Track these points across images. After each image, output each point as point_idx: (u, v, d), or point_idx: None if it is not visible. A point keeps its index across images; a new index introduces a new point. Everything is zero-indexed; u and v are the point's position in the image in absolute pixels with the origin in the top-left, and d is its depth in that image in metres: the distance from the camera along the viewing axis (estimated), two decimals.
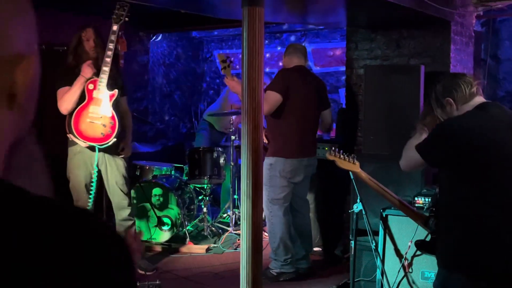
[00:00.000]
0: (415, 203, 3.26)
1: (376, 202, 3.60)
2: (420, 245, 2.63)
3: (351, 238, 3.68)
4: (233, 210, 5.44)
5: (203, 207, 5.37)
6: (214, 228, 5.39)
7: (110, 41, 3.83)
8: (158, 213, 5.06)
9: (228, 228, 5.38)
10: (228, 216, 5.57)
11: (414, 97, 3.95)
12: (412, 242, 3.14)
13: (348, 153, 3.04)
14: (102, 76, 3.87)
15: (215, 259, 4.77)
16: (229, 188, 5.61)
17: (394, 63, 4.58)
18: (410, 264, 3.27)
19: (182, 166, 5.63)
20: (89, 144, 3.95)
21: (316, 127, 4.42)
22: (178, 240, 5.10)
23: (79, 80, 3.91)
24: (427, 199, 3.26)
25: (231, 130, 5.48)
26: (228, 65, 4.11)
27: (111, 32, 3.83)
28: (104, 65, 3.86)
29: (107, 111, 3.91)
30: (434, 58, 4.43)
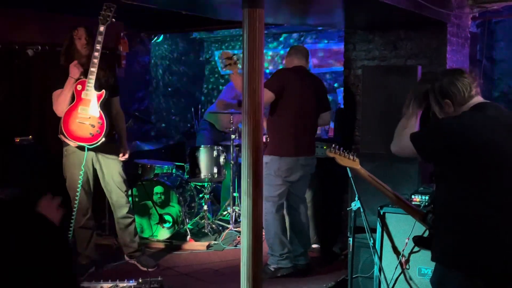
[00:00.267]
0: (412, 201, 3.26)
1: (374, 200, 3.61)
2: (418, 241, 2.64)
3: (349, 235, 3.69)
4: (233, 207, 5.45)
5: (203, 204, 5.39)
6: (214, 226, 5.40)
7: (97, 42, 3.82)
8: (160, 210, 5.07)
9: (228, 226, 5.39)
10: (228, 214, 5.58)
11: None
12: (409, 239, 3.16)
13: (348, 150, 3.05)
14: (89, 77, 3.87)
15: (215, 256, 4.78)
16: (229, 186, 5.62)
17: (392, 64, 4.58)
18: (407, 261, 3.28)
19: (183, 164, 5.63)
20: (78, 144, 3.96)
21: (315, 127, 4.42)
22: (179, 237, 5.11)
23: (68, 81, 3.91)
24: (424, 197, 3.27)
25: (231, 129, 5.48)
26: (235, 61, 4.12)
27: (98, 33, 3.81)
28: (91, 65, 3.85)
29: (95, 112, 3.91)
30: (431, 59, 4.44)
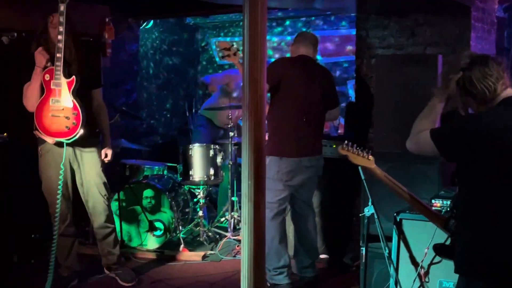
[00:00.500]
0: (432, 206, 3.26)
1: (389, 205, 3.60)
2: (439, 249, 2.64)
3: (361, 244, 3.68)
4: (231, 213, 5.45)
5: (198, 210, 5.38)
6: (211, 234, 5.39)
7: (59, 23, 3.79)
8: (150, 217, 5.06)
9: (226, 234, 5.39)
10: (226, 220, 5.57)
11: (430, 90, 3.94)
12: (429, 248, 3.15)
13: (362, 147, 3.04)
14: (56, 64, 3.83)
15: (212, 268, 4.78)
16: (227, 190, 5.62)
17: (409, 53, 4.58)
18: (427, 273, 3.27)
19: (175, 165, 5.63)
20: (56, 140, 3.94)
21: (320, 124, 4.33)
22: (172, 246, 5.10)
23: (35, 71, 3.89)
24: (446, 202, 3.26)
25: (229, 126, 5.47)
26: (235, 52, 4.10)
27: (59, 13, 3.78)
28: (57, 51, 3.81)
29: (68, 102, 3.88)
30: (453, 47, 4.43)
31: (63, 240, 4.16)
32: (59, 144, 3.97)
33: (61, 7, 3.79)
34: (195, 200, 5.53)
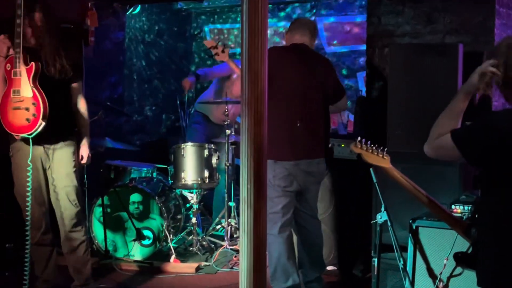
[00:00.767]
0: (452, 212, 3.27)
1: (404, 211, 3.61)
2: (460, 258, 2.63)
3: (373, 254, 3.69)
4: (228, 220, 5.46)
5: (191, 217, 5.39)
6: (205, 243, 5.40)
7: (17, 6, 3.78)
8: (137, 224, 5.07)
9: (222, 243, 5.39)
10: (222, 228, 5.58)
11: (450, 83, 3.96)
12: (448, 259, 3.16)
13: (377, 145, 3.04)
14: (16, 50, 3.83)
15: (206, 281, 4.78)
16: (223, 194, 5.63)
17: (426, 42, 4.58)
18: (446, 287, 3.28)
19: (166, 167, 5.64)
20: (21, 136, 3.92)
21: (321, 123, 4.23)
22: (162, 257, 5.11)
23: None
24: (467, 207, 3.27)
25: (226, 123, 5.47)
26: (223, 49, 4.12)
27: None
28: (16, 36, 3.80)
29: (27, 91, 3.86)
30: (475, 35, 4.43)
31: (39, 250, 4.15)
32: (26, 141, 3.94)
33: None
34: (188, 205, 5.54)
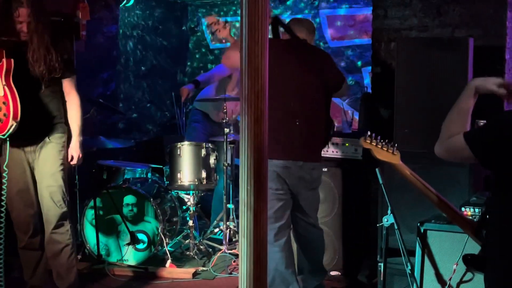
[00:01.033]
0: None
1: (411, 213, 3.61)
2: (469, 260, 2.63)
3: (379, 259, 3.69)
4: (227, 223, 5.45)
5: (188, 219, 5.39)
6: (202, 247, 5.40)
7: None
8: (131, 227, 5.07)
9: (221, 247, 5.40)
10: (220, 232, 5.58)
11: (460, 78, 3.95)
12: (458, 264, 3.15)
13: (387, 140, 3.03)
14: None
15: (204, 287, 4.78)
16: (222, 196, 5.62)
17: (435, 35, 4.58)
18: None
19: (161, 167, 5.63)
20: None
21: (320, 124, 4.19)
22: (157, 262, 5.11)
23: None
24: (478, 209, 3.26)
25: (225, 121, 5.46)
26: (224, 25, 4.10)
27: None
28: None
29: None
30: (486, 28, 4.43)
31: (27, 254, 4.16)
32: (17, 145, 3.95)
33: None
34: (184, 207, 5.54)
